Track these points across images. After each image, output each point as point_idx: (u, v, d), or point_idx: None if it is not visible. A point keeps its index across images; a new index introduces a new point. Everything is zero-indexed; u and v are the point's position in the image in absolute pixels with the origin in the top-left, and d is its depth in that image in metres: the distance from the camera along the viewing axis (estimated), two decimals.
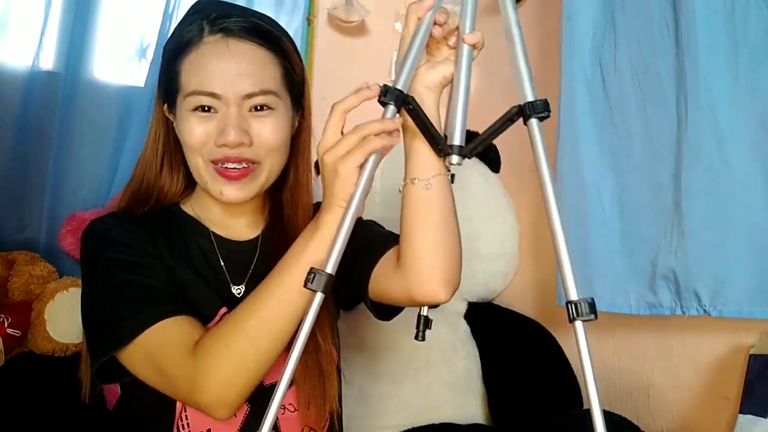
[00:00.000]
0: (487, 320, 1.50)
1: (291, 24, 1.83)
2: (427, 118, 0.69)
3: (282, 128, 0.83)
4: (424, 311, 0.78)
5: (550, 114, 0.64)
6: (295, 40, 1.92)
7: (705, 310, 1.06)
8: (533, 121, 0.64)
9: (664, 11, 1.12)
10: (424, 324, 0.78)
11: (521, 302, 1.59)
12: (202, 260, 0.86)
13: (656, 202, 1.14)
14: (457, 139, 0.66)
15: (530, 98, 0.64)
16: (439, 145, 0.68)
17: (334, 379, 0.85)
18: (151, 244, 0.81)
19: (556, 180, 1.30)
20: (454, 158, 0.67)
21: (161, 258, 0.81)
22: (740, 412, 1.02)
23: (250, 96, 0.79)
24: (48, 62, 1.52)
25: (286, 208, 0.91)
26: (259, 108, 0.81)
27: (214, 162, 0.80)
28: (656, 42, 1.14)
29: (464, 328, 1.48)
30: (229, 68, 0.78)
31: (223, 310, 0.82)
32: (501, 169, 1.67)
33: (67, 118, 1.50)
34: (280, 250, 0.85)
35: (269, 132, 0.81)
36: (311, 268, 0.61)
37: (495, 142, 1.62)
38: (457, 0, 0.71)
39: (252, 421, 0.81)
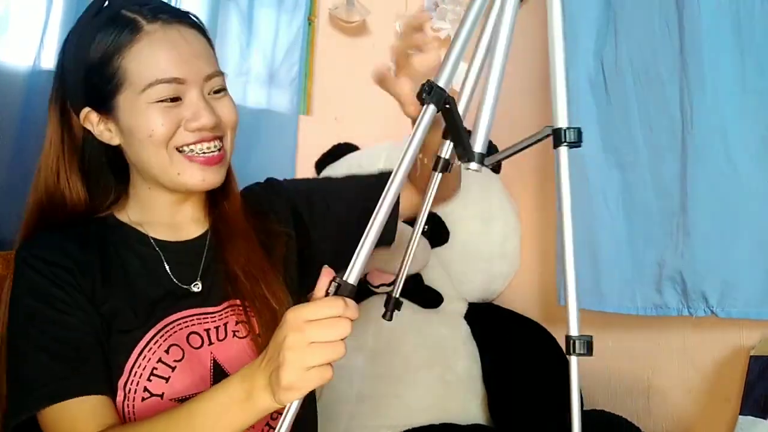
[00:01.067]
0: (488, 321, 1.50)
1: (292, 23, 1.83)
2: (461, 121, 0.68)
3: (235, 107, 0.85)
4: (396, 293, 0.77)
5: (581, 144, 0.63)
6: (296, 40, 1.94)
7: (713, 311, 1.06)
8: (563, 149, 0.62)
9: (666, 12, 1.12)
10: (393, 305, 0.76)
11: (522, 303, 1.59)
12: (144, 270, 0.84)
13: (661, 203, 1.14)
14: (479, 147, 0.65)
15: (563, 124, 0.63)
16: (465, 148, 0.66)
17: None
18: (76, 277, 0.78)
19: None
20: (473, 165, 0.65)
21: (90, 290, 0.78)
22: (740, 414, 1.02)
23: (209, 77, 0.80)
24: (49, 62, 1.51)
25: (218, 196, 0.91)
26: (216, 92, 0.82)
27: (181, 148, 0.79)
28: (657, 43, 1.14)
29: (464, 328, 1.48)
30: (184, 52, 0.77)
31: (176, 316, 0.82)
32: (502, 170, 1.67)
33: None
34: (221, 233, 0.88)
35: (229, 111, 0.83)
36: (334, 276, 0.59)
37: (496, 142, 1.63)
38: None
39: None
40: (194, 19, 0.83)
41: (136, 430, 0.70)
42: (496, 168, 1.60)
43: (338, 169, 1.63)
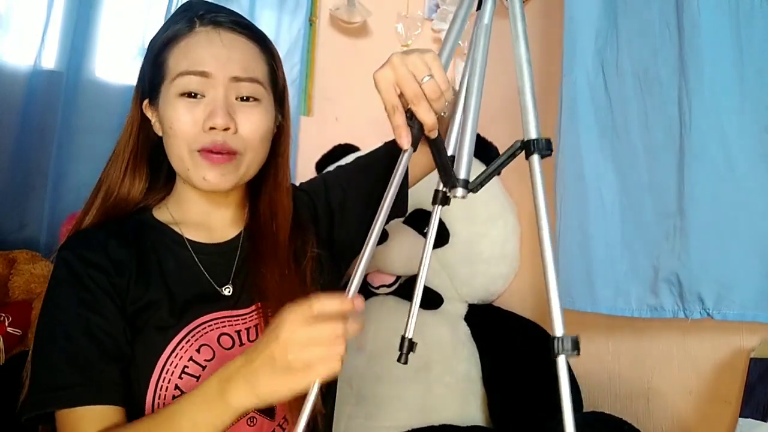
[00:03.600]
0: (488, 322, 1.50)
1: (293, 24, 1.83)
2: (445, 149, 0.70)
3: (265, 121, 0.83)
4: (409, 333, 0.79)
5: (552, 153, 0.67)
6: (297, 41, 1.94)
7: (709, 314, 1.05)
8: (535, 158, 0.66)
9: (666, 14, 1.12)
10: (408, 347, 0.79)
11: (521, 304, 1.59)
12: (180, 271, 0.85)
13: (658, 205, 1.14)
14: (464, 173, 0.67)
15: (534, 135, 0.67)
16: (449, 176, 0.69)
17: None
18: (112, 277, 0.80)
19: (558, 181, 1.30)
20: (459, 191, 0.67)
21: (124, 288, 0.80)
22: (740, 416, 1.02)
23: (238, 79, 0.80)
24: (50, 61, 1.52)
25: (265, 210, 0.91)
26: (245, 99, 0.81)
27: (200, 151, 0.80)
28: (657, 44, 1.14)
29: (464, 329, 1.48)
30: (221, 53, 0.79)
31: (206, 317, 0.83)
32: (502, 171, 1.67)
33: (68, 117, 1.50)
34: (258, 251, 0.88)
35: (254, 123, 0.82)
36: None
37: (496, 143, 1.63)
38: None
39: None
40: (252, 30, 0.84)
41: (127, 430, 0.72)
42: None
43: None
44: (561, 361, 0.62)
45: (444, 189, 0.73)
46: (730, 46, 1.03)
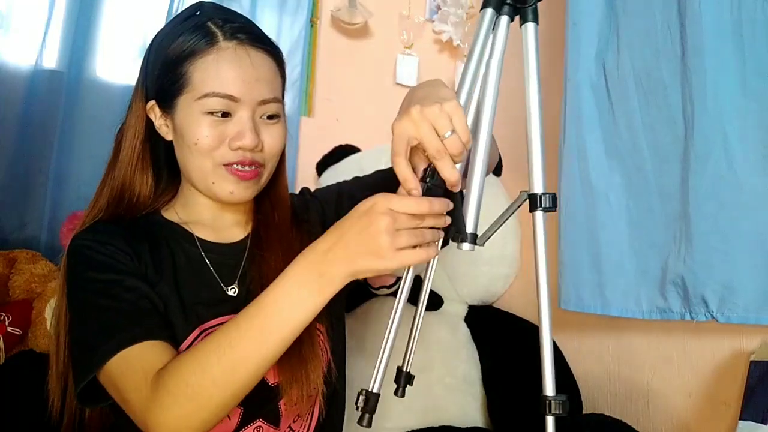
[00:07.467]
0: (488, 323, 1.50)
1: (294, 25, 1.83)
2: (461, 203, 0.69)
3: (284, 134, 0.87)
4: (407, 367, 0.79)
5: (556, 209, 0.66)
6: (297, 42, 1.94)
7: (713, 316, 1.06)
8: (538, 214, 0.66)
9: (668, 17, 1.12)
10: (405, 379, 0.79)
11: (522, 305, 1.59)
12: (190, 268, 0.86)
13: (664, 208, 1.14)
14: (471, 227, 0.67)
15: (539, 190, 0.66)
16: (460, 230, 0.68)
17: (317, 360, 0.84)
18: (132, 259, 0.81)
19: (562, 185, 1.29)
20: (466, 246, 0.67)
21: (144, 273, 0.81)
22: (740, 418, 1.01)
23: (264, 102, 0.82)
24: (51, 61, 1.52)
25: (266, 204, 0.93)
26: (269, 117, 0.84)
27: (226, 164, 0.81)
28: (660, 47, 1.14)
29: (464, 331, 1.48)
30: (249, 74, 0.80)
31: (213, 321, 0.83)
32: (503, 173, 1.67)
33: (69, 117, 1.50)
34: (262, 237, 0.90)
35: (277, 138, 0.85)
36: (362, 389, 0.63)
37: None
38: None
39: (247, 420, 0.82)
40: (271, 45, 0.85)
41: (209, 339, 0.70)
42: (497, 171, 1.60)
43: (339, 171, 1.63)
44: (549, 422, 0.63)
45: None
46: (732, 48, 1.03)
